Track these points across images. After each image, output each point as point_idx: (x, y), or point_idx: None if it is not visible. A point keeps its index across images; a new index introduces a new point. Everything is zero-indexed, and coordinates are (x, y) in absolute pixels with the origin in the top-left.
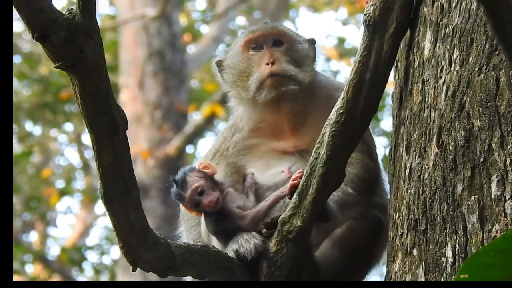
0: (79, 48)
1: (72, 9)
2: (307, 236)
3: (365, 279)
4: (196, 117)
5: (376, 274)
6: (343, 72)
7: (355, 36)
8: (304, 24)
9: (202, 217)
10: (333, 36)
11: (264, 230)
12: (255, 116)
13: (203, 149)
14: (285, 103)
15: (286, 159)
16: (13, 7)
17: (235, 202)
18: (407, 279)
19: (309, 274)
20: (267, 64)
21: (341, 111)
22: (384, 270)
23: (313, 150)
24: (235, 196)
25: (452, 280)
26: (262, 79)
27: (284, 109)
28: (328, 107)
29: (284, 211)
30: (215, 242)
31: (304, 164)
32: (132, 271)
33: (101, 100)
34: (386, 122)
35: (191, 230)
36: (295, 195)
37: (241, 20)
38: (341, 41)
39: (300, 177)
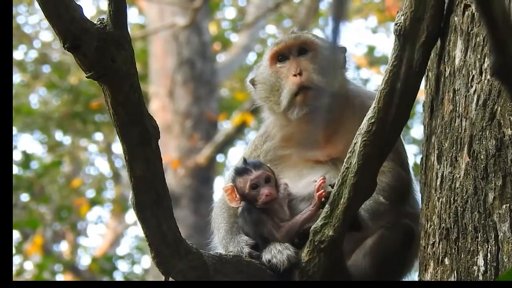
0: (111, 57)
1: (103, 19)
2: (339, 246)
3: None
4: (226, 126)
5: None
6: (373, 80)
7: (385, 44)
8: None
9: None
10: (363, 44)
11: (296, 240)
12: (288, 128)
13: (234, 158)
14: (316, 117)
15: (319, 168)
16: (44, 17)
17: (276, 212)
18: None
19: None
20: (295, 75)
21: (373, 120)
22: (416, 278)
23: (345, 160)
24: (278, 207)
25: None
26: (292, 93)
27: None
28: (362, 116)
29: (316, 220)
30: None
31: (336, 173)
32: (165, 280)
33: (133, 110)
34: (416, 130)
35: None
36: (326, 205)
37: (271, 29)
38: (371, 49)
39: (323, 186)
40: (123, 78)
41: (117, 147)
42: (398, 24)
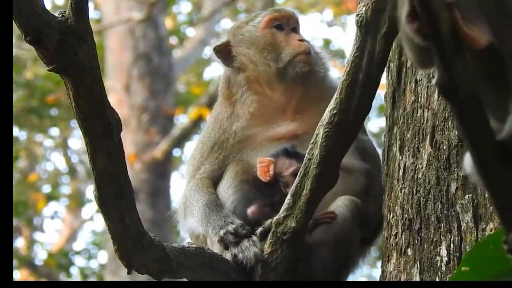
0: (72, 51)
1: (64, 11)
2: (302, 237)
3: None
4: (183, 120)
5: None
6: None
7: (341, 38)
8: None
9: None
10: (319, 38)
11: (259, 237)
12: (261, 96)
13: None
14: (304, 84)
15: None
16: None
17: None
18: (402, 279)
19: (304, 275)
20: (300, 40)
21: (335, 111)
22: (379, 269)
23: (307, 151)
24: None
25: (454, 273)
26: (296, 54)
27: (298, 90)
28: (331, 96)
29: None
30: None
31: (304, 149)
32: (128, 273)
33: (95, 103)
34: (374, 122)
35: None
36: (289, 196)
37: (226, 23)
38: (327, 42)
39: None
40: (85, 71)
41: (73, 142)
42: (359, 15)
